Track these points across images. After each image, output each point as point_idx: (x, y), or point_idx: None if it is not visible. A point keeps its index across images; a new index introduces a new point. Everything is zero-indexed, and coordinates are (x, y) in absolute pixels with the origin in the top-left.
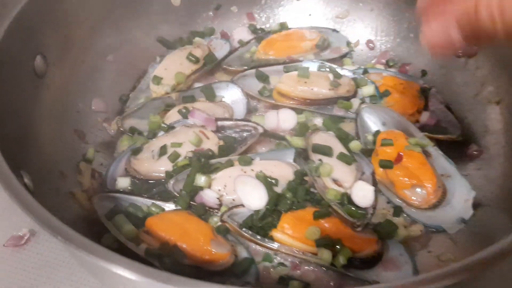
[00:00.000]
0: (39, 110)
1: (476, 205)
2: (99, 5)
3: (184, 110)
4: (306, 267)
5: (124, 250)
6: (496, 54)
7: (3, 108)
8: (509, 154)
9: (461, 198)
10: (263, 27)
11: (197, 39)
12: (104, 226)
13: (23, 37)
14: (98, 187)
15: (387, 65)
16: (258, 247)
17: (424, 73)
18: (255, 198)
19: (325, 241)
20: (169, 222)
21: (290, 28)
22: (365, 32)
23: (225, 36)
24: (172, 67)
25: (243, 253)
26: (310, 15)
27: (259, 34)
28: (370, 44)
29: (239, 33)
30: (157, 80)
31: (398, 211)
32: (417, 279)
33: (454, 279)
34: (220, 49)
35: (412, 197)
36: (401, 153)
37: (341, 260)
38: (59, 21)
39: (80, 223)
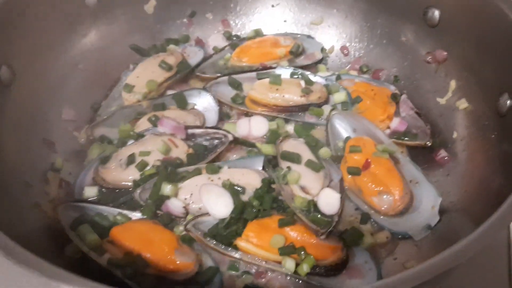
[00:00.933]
0: (4, 120)
1: (442, 211)
2: (68, 11)
3: (153, 118)
4: (270, 275)
5: (87, 260)
6: (465, 60)
7: None
8: (476, 160)
9: (428, 204)
10: (238, 33)
11: (171, 46)
12: (68, 236)
13: None
14: (65, 197)
15: (361, 71)
16: (223, 256)
17: (396, 79)
18: (220, 207)
19: (289, 250)
20: (133, 232)
21: (265, 35)
22: (339, 38)
23: (199, 43)
24: (144, 75)
25: (208, 262)
26: (285, 21)
27: (234, 41)
28: (344, 51)
29: (214, 40)
30: (129, 88)
31: (365, 218)
32: (376, 285)
33: (413, 282)
34: (194, 56)
35: (380, 204)
36: (368, 160)
37: (305, 268)
38: (27, 28)
39: (44, 233)
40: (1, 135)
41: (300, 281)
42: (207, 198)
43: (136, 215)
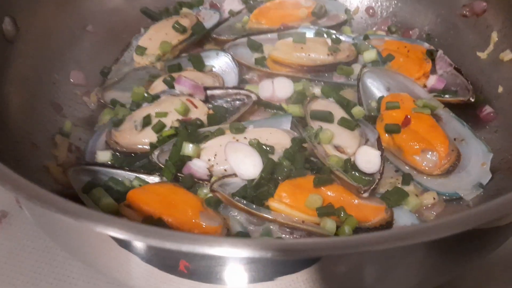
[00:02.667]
0: (10, 78)
1: (494, 170)
2: None
3: (169, 79)
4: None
5: None
6: (508, 8)
7: None
8: None
9: (477, 162)
10: None
11: (184, 9)
12: (81, 201)
13: None
14: (75, 161)
15: (389, 31)
16: (253, 221)
17: (429, 37)
18: (248, 166)
19: (328, 210)
20: (153, 194)
21: None
22: None
23: (214, 7)
24: (157, 37)
25: (236, 227)
26: None
27: (251, 4)
28: (370, 11)
29: (229, 3)
30: (141, 50)
31: (407, 179)
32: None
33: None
34: (209, 19)
35: (423, 163)
36: (408, 116)
37: (347, 230)
38: None
39: None
40: (7, 92)
41: None
42: (234, 157)
43: (154, 179)
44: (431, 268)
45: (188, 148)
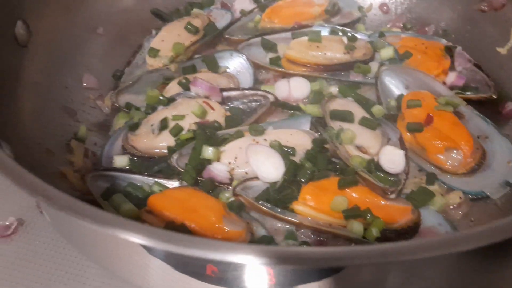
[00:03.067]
0: (22, 83)
1: None
2: None
3: (184, 81)
4: (332, 244)
5: None
6: None
7: None
8: None
9: (503, 159)
10: None
11: (195, 10)
12: (100, 207)
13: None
14: (92, 167)
15: (404, 28)
16: (276, 224)
17: (446, 33)
18: (270, 169)
19: (355, 212)
20: (174, 200)
21: None
22: None
23: (225, 7)
24: (169, 39)
25: (260, 231)
26: None
27: (262, 2)
28: (384, 7)
29: (240, 3)
30: (154, 52)
31: (432, 178)
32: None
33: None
34: (221, 19)
35: (447, 162)
36: (430, 114)
37: (374, 232)
38: None
39: None
40: (19, 97)
41: None
42: (255, 160)
43: (173, 183)
44: (463, 277)
45: (208, 151)
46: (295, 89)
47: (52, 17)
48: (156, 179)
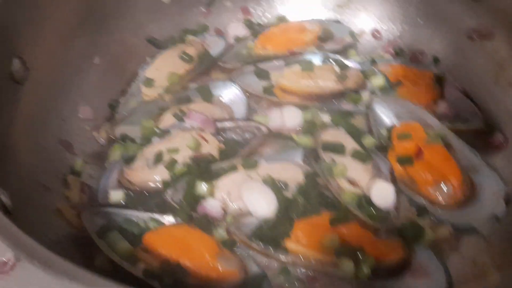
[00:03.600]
0: (18, 120)
1: (508, 200)
2: (81, 2)
3: (179, 113)
4: (325, 280)
5: (120, 271)
6: None
7: None
8: None
9: (491, 193)
10: (259, 21)
11: (189, 37)
12: (96, 245)
13: None
14: (88, 202)
15: (396, 54)
16: (270, 260)
17: (436, 60)
18: (263, 205)
19: (346, 250)
20: (169, 237)
21: (289, 21)
22: (369, 20)
23: (219, 33)
24: (164, 68)
25: (253, 268)
26: (309, 6)
27: (256, 28)
28: (375, 34)
29: (234, 29)
30: (149, 82)
31: (422, 211)
32: None
33: None
34: (215, 46)
35: (437, 195)
36: (421, 147)
37: (365, 270)
38: (38, 19)
39: (69, 243)
40: (16, 135)
41: (359, 286)
42: (249, 197)
43: (168, 219)
44: None
45: (202, 187)
46: (288, 118)
47: (48, 50)
48: (151, 215)
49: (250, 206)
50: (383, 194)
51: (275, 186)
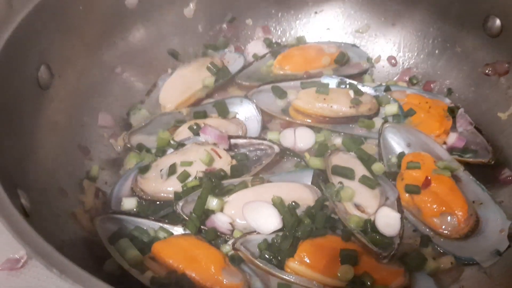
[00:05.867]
0: (41, 124)
1: (511, 236)
2: (107, 13)
3: (195, 127)
4: None
5: (128, 278)
6: None
7: (2, 120)
8: None
9: (496, 228)
10: (278, 41)
11: (209, 52)
12: (107, 250)
13: (26, 45)
14: (102, 208)
15: (410, 82)
16: (273, 278)
17: (450, 91)
18: (268, 224)
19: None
20: (177, 248)
21: (307, 43)
22: (386, 47)
23: (239, 50)
24: (183, 80)
25: (256, 284)
26: (328, 29)
27: (275, 48)
28: (392, 60)
29: (253, 47)
30: (168, 93)
31: (426, 240)
32: None
33: None
34: (234, 63)
35: (442, 226)
36: (429, 178)
37: None
38: (66, 29)
39: (81, 246)
40: (38, 139)
41: None
42: (252, 216)
43: (177, 229)
44: None
45: (213, 202)
46: (300, 139)
47: (73, 59)
48: (161, 224)
49: (254, 225)
50: (388, 221)
51: (283, 205)
